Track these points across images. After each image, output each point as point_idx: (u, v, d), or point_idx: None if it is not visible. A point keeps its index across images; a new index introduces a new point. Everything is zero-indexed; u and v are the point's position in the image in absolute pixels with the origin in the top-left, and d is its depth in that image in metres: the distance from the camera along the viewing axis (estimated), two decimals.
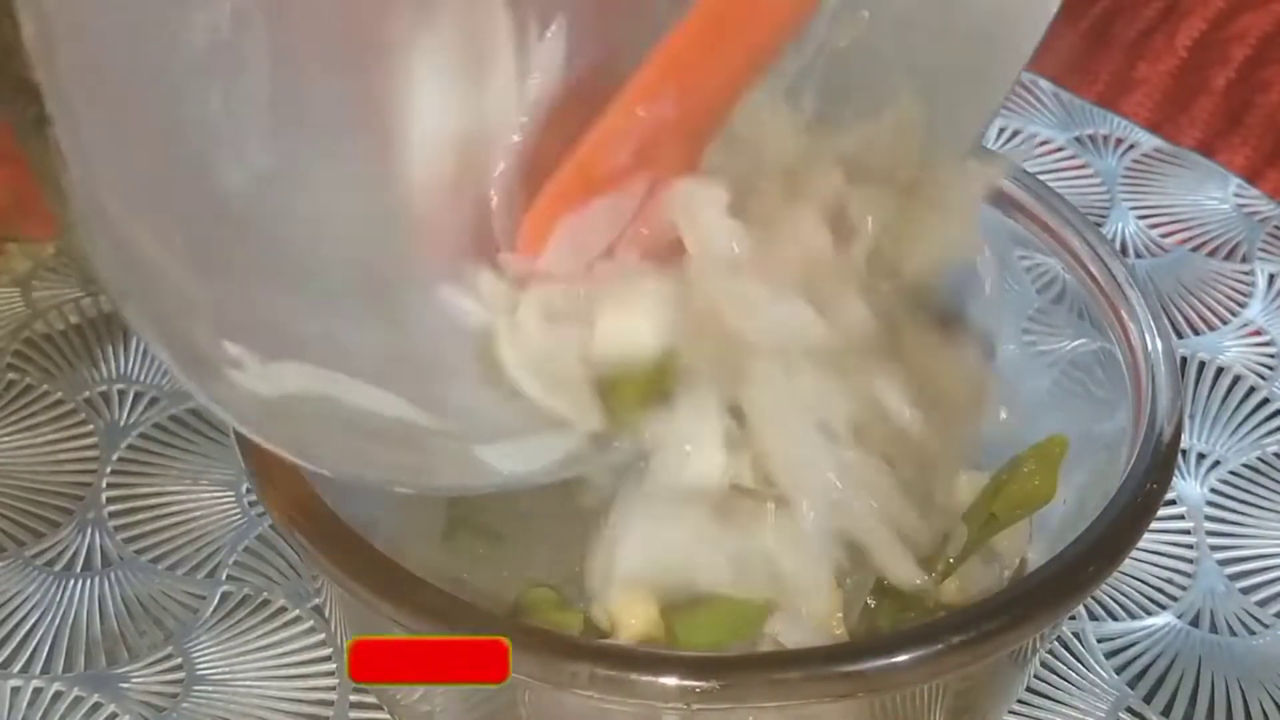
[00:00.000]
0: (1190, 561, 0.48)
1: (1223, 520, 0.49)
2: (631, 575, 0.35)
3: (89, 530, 0.47)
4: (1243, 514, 0.50)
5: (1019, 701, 0.43)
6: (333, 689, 0.43)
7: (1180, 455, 0.40)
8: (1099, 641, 0.45)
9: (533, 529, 0.39)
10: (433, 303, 0.35)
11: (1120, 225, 0.62)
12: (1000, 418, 0.43)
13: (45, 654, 0.44)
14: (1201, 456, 0.51)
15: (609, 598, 0.35)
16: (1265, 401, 0.54)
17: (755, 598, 0.35)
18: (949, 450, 0.37)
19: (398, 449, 0.34)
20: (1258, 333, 0.57)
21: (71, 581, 0.46)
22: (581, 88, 0.35)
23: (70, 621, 0.45)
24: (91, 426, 0.51)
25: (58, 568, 0.46)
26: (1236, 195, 0.63)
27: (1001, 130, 0.66)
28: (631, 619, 0.35)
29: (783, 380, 0.34)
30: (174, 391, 0.52)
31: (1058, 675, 0.44)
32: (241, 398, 0.30)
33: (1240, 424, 0.53)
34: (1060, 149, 0.65)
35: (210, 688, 0.43)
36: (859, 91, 0.37)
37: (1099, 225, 0.53)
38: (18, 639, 0.44)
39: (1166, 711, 0.44)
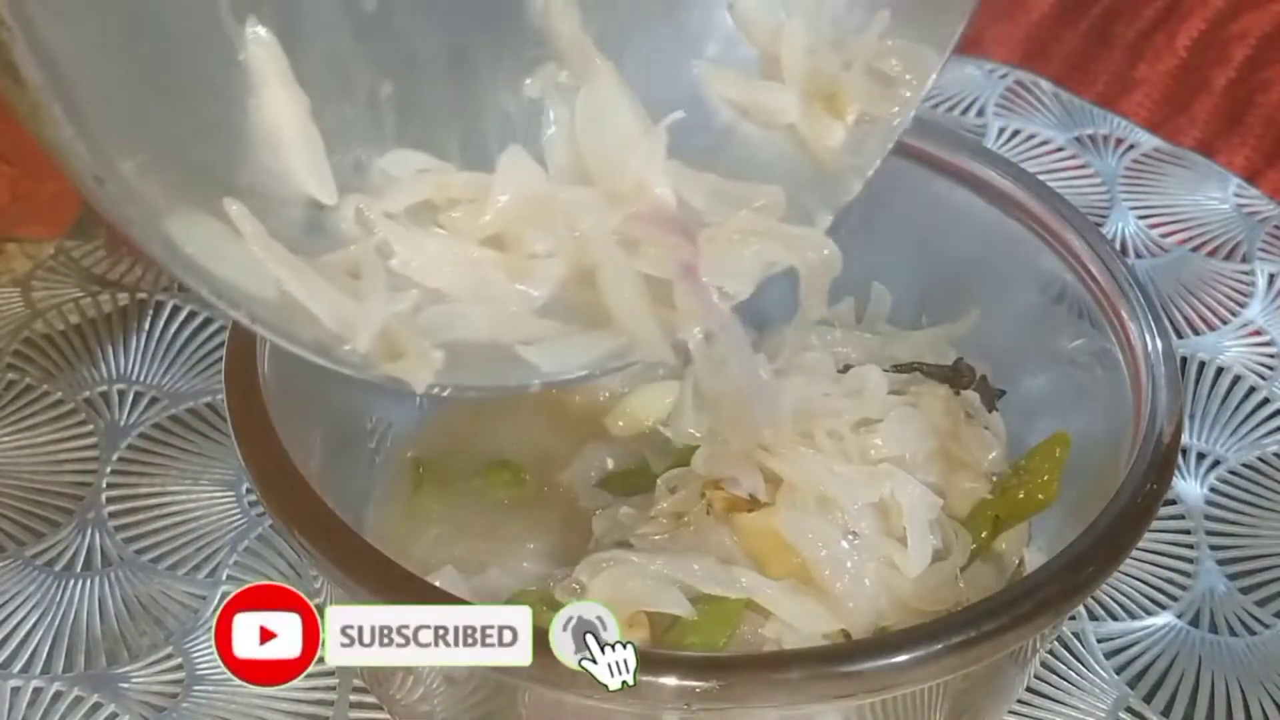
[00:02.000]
0: (1190, 561, 0.48)
1: (1223, 520, 0.49)
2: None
3: (89, 530, 0.47)
4: (1243, 514, 0.50)
5: (1019, 701, 0.43)
6: (333, 689, 0.43)
7: (1180, 455, 0.40)
8: (1099, 641, 0.45)
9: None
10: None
11: (1120, 225, 0.62)
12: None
13: (45, 654, 0.44)
14: (1201, 456, 0.51)
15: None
16: (1265, 401, 0.54)
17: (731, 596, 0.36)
18: None
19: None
20: (1258, 333, 0.57)
21: (71, 581, 0.46)
22: None
23: (70, 621, 0.45)
24: (91, 426, 0.51)
25: (58, 568, 0.46)
26: (1236, 195, 0.63)
27: (1002, 130, 0.66)
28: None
29: None
30: (174, 392, 0.52)
31: (1058, 675, 0.44)
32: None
33: (1240, 424, 0.53)
34: (1060, 149, 0.65)
35: (210, 688, 0.43)
36: None
37: (1099, 225, 0.53)
38: (18, 639, 0.44)
39: (1166, 711, 0.44)
